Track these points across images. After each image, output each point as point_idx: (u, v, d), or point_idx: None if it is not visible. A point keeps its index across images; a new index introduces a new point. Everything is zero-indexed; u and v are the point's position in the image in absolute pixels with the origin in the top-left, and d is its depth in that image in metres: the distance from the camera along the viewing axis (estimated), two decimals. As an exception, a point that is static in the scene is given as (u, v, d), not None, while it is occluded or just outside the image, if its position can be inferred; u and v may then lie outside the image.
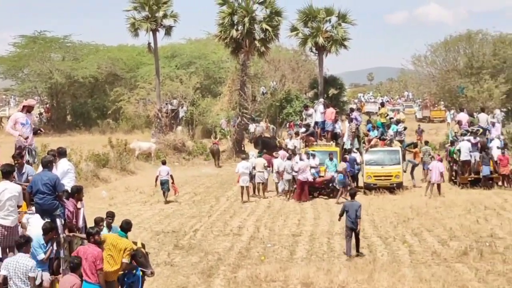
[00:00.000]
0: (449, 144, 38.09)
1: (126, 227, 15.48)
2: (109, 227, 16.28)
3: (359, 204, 22.39)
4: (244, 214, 30.07)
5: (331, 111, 37.80)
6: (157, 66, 55.93)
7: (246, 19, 50.09)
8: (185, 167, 47.72)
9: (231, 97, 54.76)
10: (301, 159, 33.46)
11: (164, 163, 34.89)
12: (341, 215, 22.72)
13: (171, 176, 33.71)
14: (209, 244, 23.94)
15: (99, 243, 13.91)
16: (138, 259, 14.53)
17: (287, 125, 55.68)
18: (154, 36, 54.46)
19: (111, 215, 16.77)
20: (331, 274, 19.04)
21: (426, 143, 40.89)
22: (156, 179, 33.85)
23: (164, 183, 33.48)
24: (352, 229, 22.07)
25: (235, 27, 50.88)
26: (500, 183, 35.60)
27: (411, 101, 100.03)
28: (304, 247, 23.47)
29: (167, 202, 33.21)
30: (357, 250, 22.32)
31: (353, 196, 23.36)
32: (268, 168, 35.46)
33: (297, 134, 37.51)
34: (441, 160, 35.01)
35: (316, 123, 37.61)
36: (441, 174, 33.70)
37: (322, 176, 34.05)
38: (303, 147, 36.17)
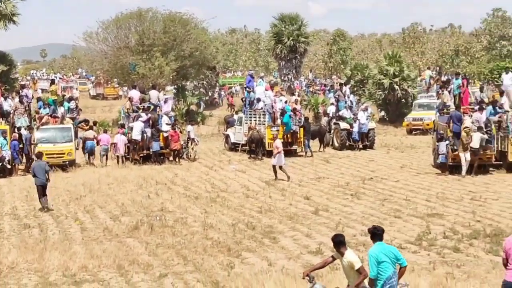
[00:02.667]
0: (121, 127, 38.20)
1: None
2: None
3: (45, 163, 25.18)
4: None
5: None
6: None
7: None
8: None
9: None
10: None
11: None
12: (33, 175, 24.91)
13: None
14: None
15: None
16: None
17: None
18: None
19: None
20: (0, 256, 18.36)
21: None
22: None
23: None
24: (43, 186, 24.67)
25: None
26: (171, 158, 36.71)
27: (84, 78, 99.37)
28: (-28, 230, 22.42)
29: None
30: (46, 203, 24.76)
31: (39, 157, 25.70)
32: None
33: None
34: (124, 134, 35.60)
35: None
36: (126, 147, 35.02)
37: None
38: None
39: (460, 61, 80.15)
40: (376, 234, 11.84)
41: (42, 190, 24.91)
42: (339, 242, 11.78)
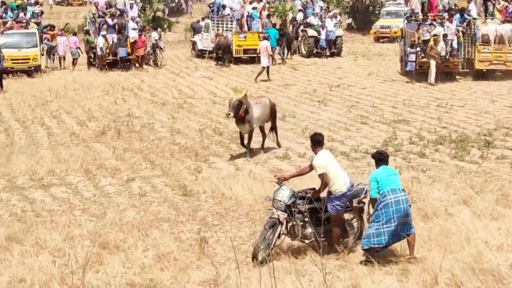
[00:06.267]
0: (86, 33, 38.04)
1: None
2: None
3: None
4: None
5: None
6: None
7: None
8: None
9: None
10: None
11: None
12: None
13: None
14: None
15: None
16: None
17: None
18: None
19: None
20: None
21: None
22: None
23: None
24: None
25: None
26: (137, 64, 36.38)
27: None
28: None
29: None
30: None
31: None
32: None
33: None
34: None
35: None
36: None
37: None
38: None
39: (429, -32, 79.55)
40: (382, 160, 11.51)
41: None
42: (317, 141, 11.75)
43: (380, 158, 11.52)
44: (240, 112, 18.46)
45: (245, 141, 19.20)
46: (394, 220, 11.01)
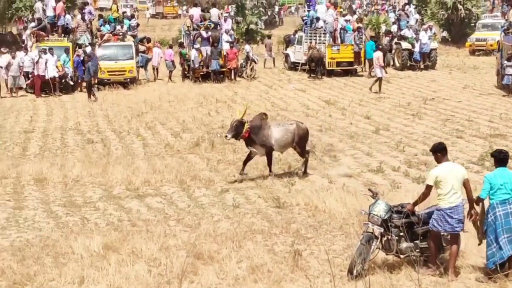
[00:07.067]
0: (179, 46, 38.52)
1: None
2: None
3: None
4: (-29, 113, 28.61)
5: (61, 5, 36.31)
6: None
7: None
8: None
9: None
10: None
11: None
12: None
13: None
14: None
15: None
16: None
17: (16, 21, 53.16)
18: None
19: None
20: (65, 169, 18.76)
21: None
22: None
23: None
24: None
25: None
26: (230, 77, 36.68)
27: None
28: (37, 144, 22.91)
29: None
30: None
31: None
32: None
33: (25, 28, 36.00)
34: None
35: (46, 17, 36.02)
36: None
37: (59, 71, 32.98)
38: (34, 42, 34.73)
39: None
40: (502, 160, 11.06)
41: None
42: (441, 149, 11.39)
43: (501, 158, 11.10)
44: (243, 132, 17.61)
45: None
46: (504, 232, 10.80)
